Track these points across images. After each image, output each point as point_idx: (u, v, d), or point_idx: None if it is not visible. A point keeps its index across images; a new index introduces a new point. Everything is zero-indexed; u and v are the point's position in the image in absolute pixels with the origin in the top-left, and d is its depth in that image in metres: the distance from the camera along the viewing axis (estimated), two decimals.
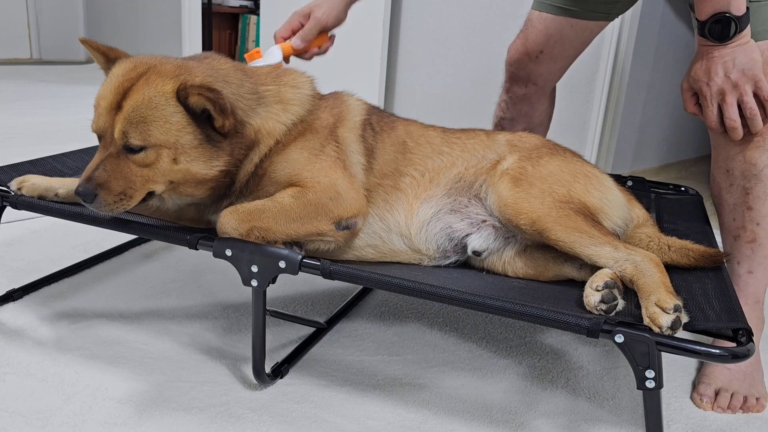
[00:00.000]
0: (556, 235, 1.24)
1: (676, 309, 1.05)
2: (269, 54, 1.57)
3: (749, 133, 1.37)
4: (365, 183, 1.34)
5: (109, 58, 1.25)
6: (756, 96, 1.32)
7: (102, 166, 1.16)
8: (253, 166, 1.27)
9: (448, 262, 1.38)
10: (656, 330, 1.03)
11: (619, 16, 1.83)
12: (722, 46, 1.30)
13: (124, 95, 1.15)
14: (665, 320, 1.03)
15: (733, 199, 1.46)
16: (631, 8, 3.03)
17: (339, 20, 1.64)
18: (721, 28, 1.29)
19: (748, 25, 1.30)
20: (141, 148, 1.15)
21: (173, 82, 1.16)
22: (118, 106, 1.15)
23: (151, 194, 1.21)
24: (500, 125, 1.98)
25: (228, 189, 1.27)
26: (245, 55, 1.57)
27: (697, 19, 1.32)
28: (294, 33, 1.61)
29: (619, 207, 1.37)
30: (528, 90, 1.88)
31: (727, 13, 1.27)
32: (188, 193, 1.24)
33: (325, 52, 1.67)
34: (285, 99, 1.31)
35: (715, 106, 1.35)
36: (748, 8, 1.29)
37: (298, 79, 1.37)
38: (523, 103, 1.91)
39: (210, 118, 1.17)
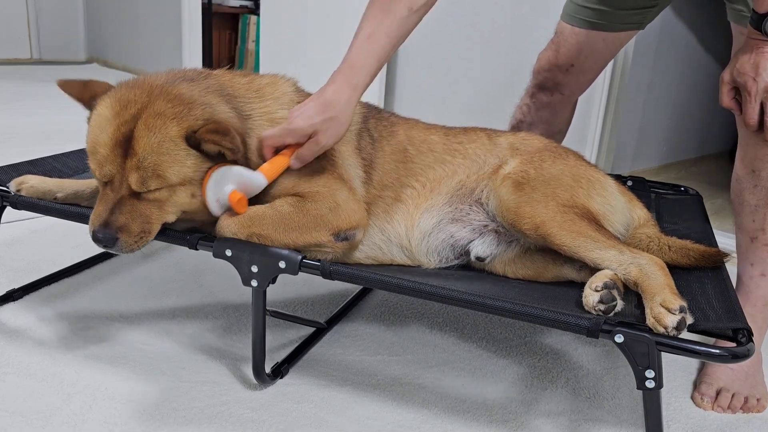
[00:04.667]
0: (561, 240, 1.23)
1: (682, 310, 1.04)
2: (251, 181, 1.19)
3: None
4: (365, 196, 1.33)
5: (84, 101, 1.22)
6: None
7: (117, 209, 1.14)
8: None
9: (448, 265, 1.37)
10: (661, 330, 1.03)
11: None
12: None
13: (126, 140, 1.12)
14: (671, 320, 1.03)
15: (755, 200, 1.43)
16: None
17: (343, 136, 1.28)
18: None
19: None
20: (157, 189, 1.15)
21: (176, 125, 1.14)
22: (123, 153, 1.13)
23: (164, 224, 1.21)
24: (518, 128, 1.96)
25: None
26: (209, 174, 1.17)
27: (755, 11, 1.26)
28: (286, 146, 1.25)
29: (621, 212, 1.37)
30: (554, 98, 1.87)
31: None
32: (200, 218, 1.25)
33: None
34: (270, 113, 1.29)
35: (758, 103, 1.29)
36: None
37: (280, 89, 1.34)
38: (546, 110, 1.90)
39: (221, 154, 1.17)
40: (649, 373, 1.04)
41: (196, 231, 1.26)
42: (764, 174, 1.39)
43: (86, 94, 1.22)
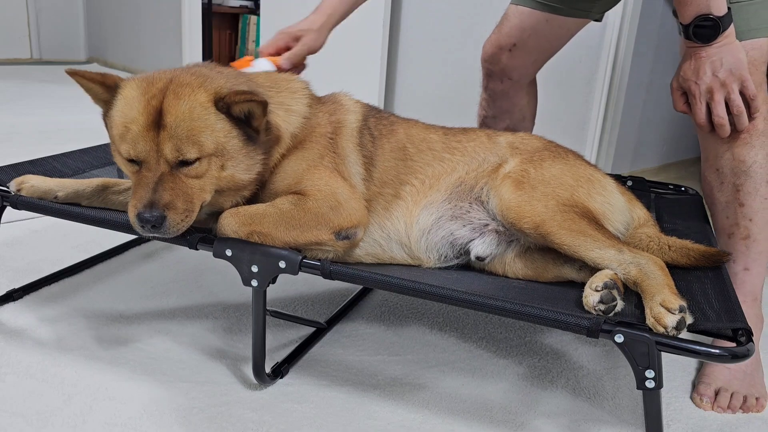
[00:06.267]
0: (561, 239, 1.24)
1: (681, 309, 1.05)
2: (260, 67, 1.52)
3: (736, 131, 1.41)
4: (365, 193, 1.33)
5: (107, 85, 1.19)
6: (742, 94, 1.36)
7: (160, 187, 1.12)
8: (271, 169, 1.27)
9: (448, 265, 1.37)
10: (661, 330, 1.03)
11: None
12: (708, 46, 1.35)
13: (157, 114, 1.12)
14: (670, 320, 1.03)
15: (725, 198, 1.48)
16: (631, 8, 3.03)
17: (321, 47, 1.64)
18: (704, 30, 1.34)
19: (731, 24, 1.34)
20: (195, 160, 1.14)
21: (203, 92, 1.14)
22: (156, 126, 1.12)
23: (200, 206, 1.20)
24: (484, 124, 2.00)
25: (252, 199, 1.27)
26: (233, 63, 1.47)
27: (681, 23, 1.37)
28: (279, 52, 1.58)
29: (620, 211, 1.37)
30: (504, 85, 1.90)
31: (710, 14, 1.32)
32: (224, 202, 1.24)
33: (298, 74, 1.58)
34: (286, 104, 1.30)
35: (703, 104, 1.40)
36: (729, 8, 1.33)
37: (295, 84, 1.36)
38: (502, 99, 1.92)
39: (248, 118, 1.17)
40: (649, 373, 1.04)
41: (196, 231, 1.26)
42: (726, 170, 1.45)
43: (109, 79, 1.19)
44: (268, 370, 1.34)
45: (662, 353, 1.03)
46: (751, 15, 1.39)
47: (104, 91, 1.20)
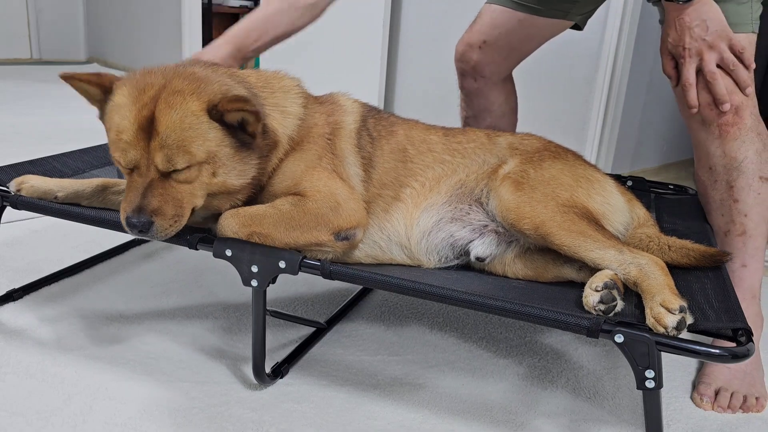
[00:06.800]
0: (560, 240, 1.23)
1: (682, 310, 1.05)
2: None
3: (728, 126, 1.43)
4: (364, 195, 1.33)
5: (103, 85, 1.18)
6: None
7: (149, 192, 1.12)
8: (269, 173, 1.26)
9: (448, 266, 1.37)
10: (661, 330, 1.03)
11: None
12: (688, 5, 1.37)
13: (148, 122, 1.11)
14: (670, 320, 1.03)
15: (719, 195, 1.49)
16: (631, 9, 3.03)
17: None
18: None
19: None
20: (186, 167, 1.13)
21: (196, 100, 1.13)
22: (147, 135, 1.11)
23: (192, 210, 1.19)
24: (467, 124, 2.00)
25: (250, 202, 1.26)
26: None
27: None
28: None
29: (620, 211, 1.37)
30: (478, 84, 1.90)
31: None
32: (219, 205, 1.23)
33: None
34: (281, 105, 1.29)
35: (693, 66, 1.42)
36: None
37: (286, 83, 1.35)
38: (478, 97, 1.93)
39: (242, 124, 1.16)
40: (649, 373, 1.04)
41: (196, 231, 1.26)
42: (719, 168, 1.47)
43: (105, 80, 1.18)
44: (268, 370, 1.34)
45: (662, 353, 1.03)
46: (731, 11, 1.40)
47: (100, 92, 1.19)
